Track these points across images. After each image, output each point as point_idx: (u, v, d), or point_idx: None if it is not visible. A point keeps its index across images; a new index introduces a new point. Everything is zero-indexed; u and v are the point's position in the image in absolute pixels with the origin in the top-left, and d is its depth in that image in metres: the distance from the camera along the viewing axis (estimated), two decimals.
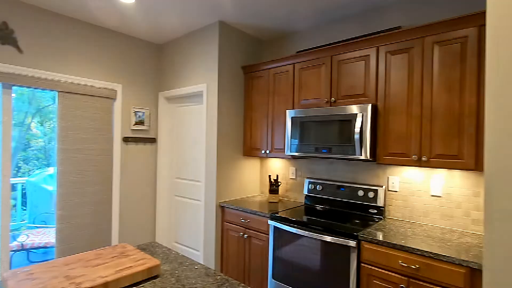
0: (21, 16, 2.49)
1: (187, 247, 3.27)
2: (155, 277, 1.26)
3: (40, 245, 3.21)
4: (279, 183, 2.99)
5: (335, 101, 2.35)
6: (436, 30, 1.88)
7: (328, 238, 2.01)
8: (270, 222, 2.37)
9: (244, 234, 2.61)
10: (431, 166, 1.90)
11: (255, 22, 2.82)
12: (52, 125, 9.04)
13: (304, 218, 2.28)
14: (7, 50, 2.43)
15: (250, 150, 3.00)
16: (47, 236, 3.39)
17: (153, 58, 3.46)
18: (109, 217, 3.07)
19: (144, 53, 3.37)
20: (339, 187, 2.57)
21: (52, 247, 3.30)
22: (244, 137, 3.07)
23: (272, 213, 2.40)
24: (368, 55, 2.18)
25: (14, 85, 2.50)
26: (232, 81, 2.96)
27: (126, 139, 3.18)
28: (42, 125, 8.63)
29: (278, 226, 2.31)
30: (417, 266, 1.67)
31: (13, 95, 2.51)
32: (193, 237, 3.20)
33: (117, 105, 3.12)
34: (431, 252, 1.63)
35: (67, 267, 1.20)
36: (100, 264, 1.24)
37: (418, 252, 1.67)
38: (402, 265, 1.73)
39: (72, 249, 2.79)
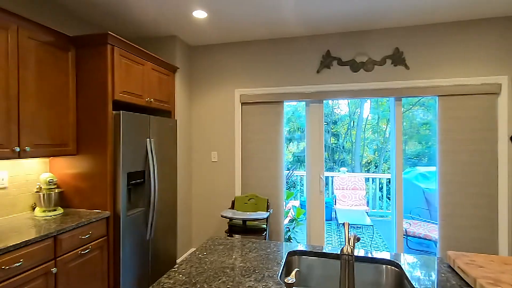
0: (407, 38, 2.98)
1: None
2: None
3: (420, 235, 3.61)
4: None
5: None
6: None
7: None
8: None
9: None
10: None
11: None
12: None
13: None
14: (398, 70, 3.01)
15: None
16: (423, 228, 3.75)
17: None
18: (494, 223, 2.78)
19: None
20: None
21: (429, 240, 3.60)
22: None
23: None
24: None
25: (402, 97, 3.05)
26: None
27: None
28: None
29: None
30: None
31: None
32: None
33: (502, 100, 2.76)
34: None
35: (508, 267, 1.21)
36: None
37: None
38: None
39: (454, 248, 2.85)
